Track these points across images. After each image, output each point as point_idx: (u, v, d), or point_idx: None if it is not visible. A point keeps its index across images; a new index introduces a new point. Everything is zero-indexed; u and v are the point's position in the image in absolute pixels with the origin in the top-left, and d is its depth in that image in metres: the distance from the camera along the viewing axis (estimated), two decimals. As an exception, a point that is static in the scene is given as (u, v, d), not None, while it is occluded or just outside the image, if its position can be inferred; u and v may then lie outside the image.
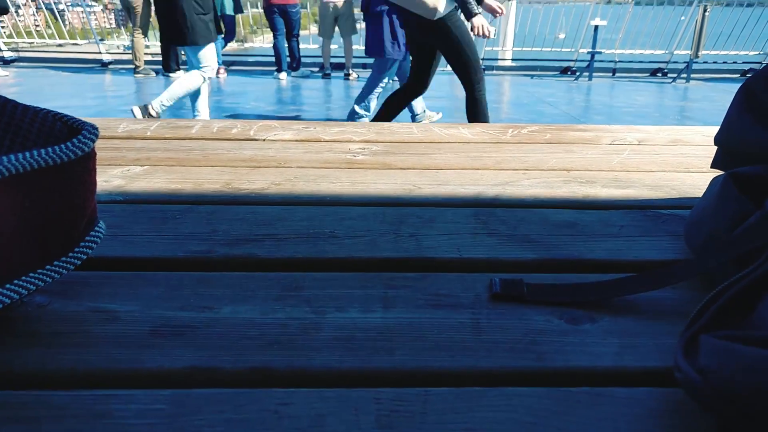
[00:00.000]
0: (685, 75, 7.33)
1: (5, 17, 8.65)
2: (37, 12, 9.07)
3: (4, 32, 8.57)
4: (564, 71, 7.92)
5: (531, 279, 0.47)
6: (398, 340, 0.40)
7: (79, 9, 9.51)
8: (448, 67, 8.23)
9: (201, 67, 3.86)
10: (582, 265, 0.53)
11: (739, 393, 0.31)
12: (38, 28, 8.80)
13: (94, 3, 8.65)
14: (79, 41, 9.13)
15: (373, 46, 4.14)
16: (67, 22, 9.00)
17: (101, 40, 8.34)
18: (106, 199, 0.67)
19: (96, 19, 10.36)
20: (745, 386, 0.31)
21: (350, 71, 7.16)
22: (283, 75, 6.97)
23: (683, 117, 5.15)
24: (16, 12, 8.66)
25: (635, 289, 0.45)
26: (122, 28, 6.88)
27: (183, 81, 3.89)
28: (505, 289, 0.46)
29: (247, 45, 8.24)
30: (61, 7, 8.59)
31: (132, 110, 3.80)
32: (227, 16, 6.83)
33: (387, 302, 0.45)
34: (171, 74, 6.91)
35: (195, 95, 3.94)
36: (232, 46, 8.72)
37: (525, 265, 0.53)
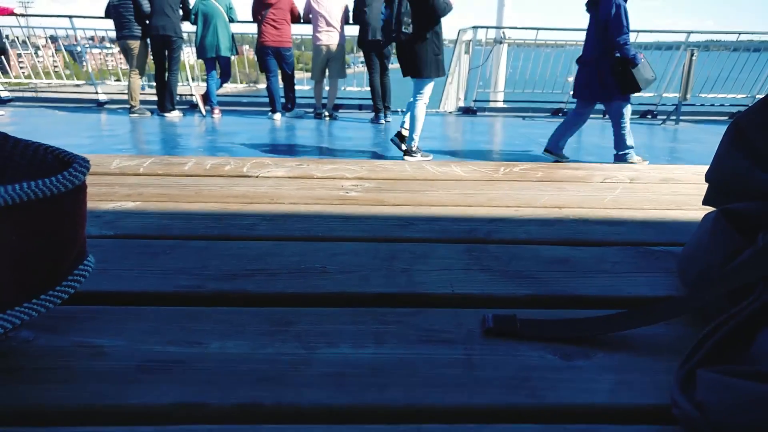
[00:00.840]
0: (674, 117, 7.47)
1: (23, 58, 8.83)
2: (56, 53, 9.29)
3: (23, 72, 8.75)
4: (555, 113, 8.05)
5: (524, 315, 0.47)
6: (390, 376, 0.39)
7: (96, 51, 9.76)
8: (444, 108, 8.29)
9: (421, 97, 4.35)
10: (575, 300, 0.53)
11: (738, 428, 0.31)
12: (56, 69, 8.99)
13: (111, 45, 8.85)
14: (77, 81, 9.24)
15: (600, 90, 4.31)
16: (85, 64, 9.22)
17: (111, 80, 8.51)
18: (96, 233, 0.66)
19: (113, 60, 10.63)
20: (744, 421, 0.31)
21: (329, 113, 7.27)
22: (277, 115, 7.05)
23: (674, 158, 5.22)
24: (36, 53, 8.85)
25: (629, 325, 0.45)
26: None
27: (418, 113, 4.37)
28: (498, 325, 0.45)
29: (260, 86, 8.37)
30: (79, 49, 8.83)
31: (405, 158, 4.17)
32: (222, 58, 6.94)
33: (379, 338, 0.44)
34: (166, 114, 6.98)
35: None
36: (237, 87, 8.86)
37: (518, 300, 0.53)
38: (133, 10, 6.58)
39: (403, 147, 4.46)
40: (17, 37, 8.67)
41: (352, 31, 6.98)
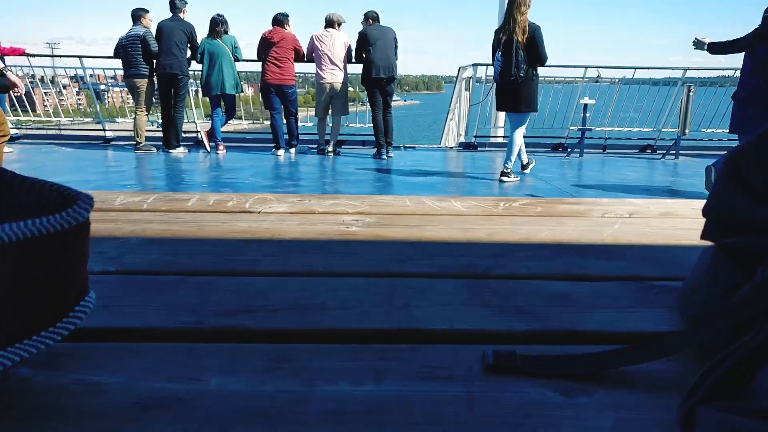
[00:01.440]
0: (674, 151, 7.52)
1: (46, 97, 9.06)
2: (80, 92, 9.58)
3: (50, 110, 8.97)
4: (555, 148, 8.12)
5: (524, 350, 0.46)
6: (389, 413, 0.39)
7: (117, 89, 10.05)
8: (446, 143, 8.35)
9: (521, 128, 5.33)
10: (575, 336, 0.53)
11: (738, 467, 0.30)
12: (80, 107, 9.25)
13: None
14: (82, 119, 9.41)
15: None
16: (107, 102, 9.47)
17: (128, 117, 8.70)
18: (99, 269, 0.67)
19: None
20: (744, 460, 0.30)
21: (333, 148, 7.35)
22: (281, 151, 7.13)
23: (673, 192, 5.24)
24: (60, 92, 9.10)
25: (630, 361, 0.45)
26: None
27: (517, 140, 5.32)
28: (498, 361, 0.45)
29: (265, 123, 8.51)
30: (102, 87, 9.11)
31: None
32: (227, 95, 7.06)
33: (378, 375, 0.44)
34: (171, 150, 7.06)
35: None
36: (242, 124, 8.98)
37: (518, 336, 0.52)
38: (141, 50, 6.74)
39: (507, 174, 5.36)
40: (42, 77, 8.93)
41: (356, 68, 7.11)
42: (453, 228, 0.87)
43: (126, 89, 7.80)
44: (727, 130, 8.33)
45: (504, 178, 5.41)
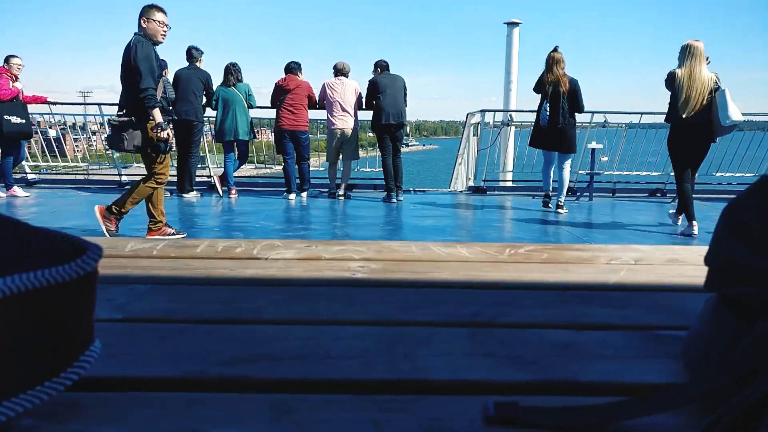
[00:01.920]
0: (684, 195, 7.50)
1: (78, 142, 9.33)
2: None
3: (78, 155, 9.23)
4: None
5: (527, 401, 0.46)
6: (389, 467, 0.39)
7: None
8: (455, 187, 8.38)
9: (568, 165, 6.35)
10: (579, 387, 0.52)
11: None
12: (99, 152, 9.54)
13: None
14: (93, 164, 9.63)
15: None
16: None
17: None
18: (105, 317, 0.67)
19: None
20: None
21: (343, 193, 7.41)
22: (292, 196, 7.20)
23: (685, 236, 5.19)
24: (90, 137, 9.40)
25: (633, 414, 0.44)
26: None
27: (566, 177, 6.42)
28: (499, 413, 0.45)
29: (277, 168, 8.66)
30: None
31: None
32: (241, 141, 7.20)
33: (379, 427, 0.44)
34: (184, 195, 7.15)
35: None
36: (257, 169, 9.11)
37: (521, 387, 0.52)
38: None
39: (561, 207, 6.40)
40: (74, 123, 9.24)
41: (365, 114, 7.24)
42: (459, 275, 0.87)
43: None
44: (736, 173, 8.32)
45: (560, 210, 6.40)
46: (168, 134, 4.25)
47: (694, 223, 4.98)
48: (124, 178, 8.47)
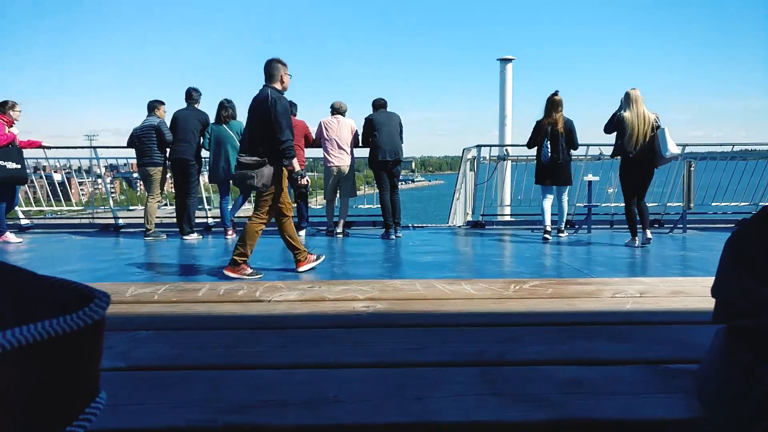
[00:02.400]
0: (681, 225, 7.52)
1: (83, 186, 9.37)
2: (113, 180, 9.96)
3: (83, 199, 9.26)
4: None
5: (541, 443, 0.45)
6: None
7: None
8: (453, 222, 8.35)
9: (565, 197, 6.80)
10: (591, 425, 0.51)
11: None
12: (113, 194, 9.61)
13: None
14: (92, 208, 9.63)
15: None
16: (138, 189, 9.84)
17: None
18: (109, 365, 0.67)
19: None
20: None
21: (341, 230, 7.41)
22: (289, 234, 7.18)
23: (686, 267, 5.17)
24: (96, 181, 9.47)
25: None
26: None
27: (566, 207, 6.97)
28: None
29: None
30: (135, 175, 9.56)
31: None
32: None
33: (392, 472, 0.43)
34: (185, 237, 7.14)
35: None
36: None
37: (532, 426, 0.51)
38: (156, 139, 6.98)
39: (563, 231, 6.86)
40: (80, 167, 9.32)
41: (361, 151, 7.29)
42: (464, 312, 0.86)
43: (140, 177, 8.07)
44: (732, 203, 8.37)
45: (561, 235, 6.92)
46: (307, 180, 4.78)
47: (636, 239, 6.10)
48: (121, 221, 8.47)
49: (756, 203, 8.22)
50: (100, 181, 9.33)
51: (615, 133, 5.93)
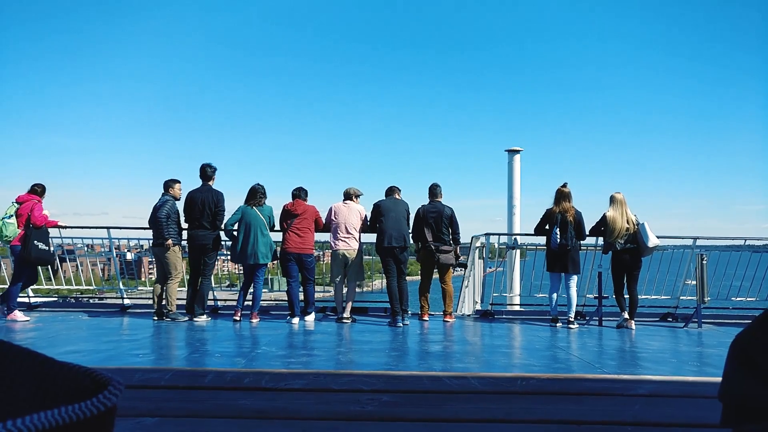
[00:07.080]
0: (695, 320, 7.39)
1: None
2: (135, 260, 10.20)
3: (131, 282, 9.45)
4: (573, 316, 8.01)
5: None
6: None
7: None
8: (462, 311, 8.30)
9: (574, 283, 7.25)
10: None
11: None
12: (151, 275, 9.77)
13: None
14: (96, 289, 9.64)
15: None
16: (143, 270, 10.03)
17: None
18: (113, 454, 0.66)
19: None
20: None
21: (348, 315, 7.32)
22: (296, 319, 7.11)
23: (702, 363, 5.02)
24: (131, 263, 9.67)
25: None
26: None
27: (575, 294, 7.22)
28: None
29: (365, 288, 8.75)
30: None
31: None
32: (259, 265, 7.18)
33: None
34: (195, 318, 7.08)
35: None
36: (271, 295, 9.12)
37: None
38: (175, 221, 7.08)
39: (573, 322, 7.11)
40: (86, 246, 9.46)
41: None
42: (469, 408, 0.85)
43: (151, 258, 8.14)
44: (747, 298, 8.24)
45: (571, 326, 7.04)
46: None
47: (625, 312, 7.12)
48: (127, 301, 8.47)
49: (769, 299, 8.09)
50: (111, 260, 9.42)
51: (603, 229, 7.07)
